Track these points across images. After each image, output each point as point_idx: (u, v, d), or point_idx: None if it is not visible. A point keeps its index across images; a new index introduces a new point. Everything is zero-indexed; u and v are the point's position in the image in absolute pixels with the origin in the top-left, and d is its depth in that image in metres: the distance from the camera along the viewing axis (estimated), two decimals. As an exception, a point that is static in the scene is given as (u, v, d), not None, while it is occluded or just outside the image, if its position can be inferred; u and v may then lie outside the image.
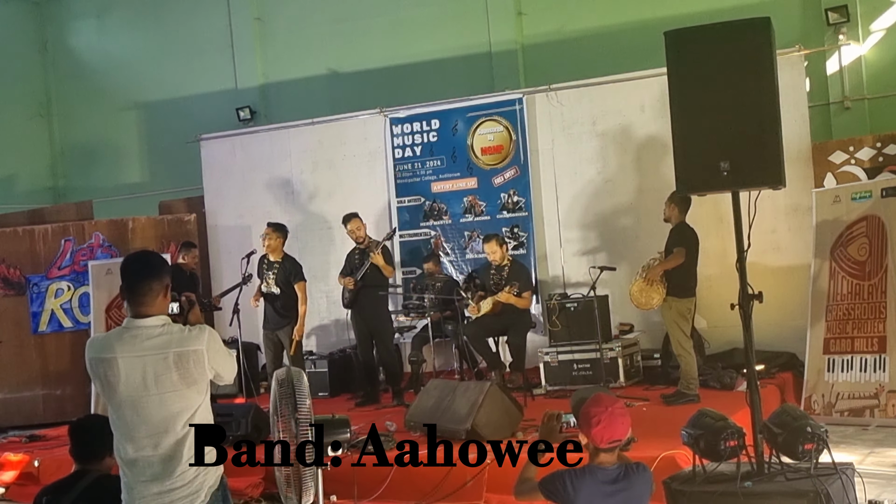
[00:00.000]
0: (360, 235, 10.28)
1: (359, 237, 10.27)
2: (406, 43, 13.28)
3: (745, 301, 5.48)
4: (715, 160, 5.39)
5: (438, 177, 11.88)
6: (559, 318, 10.16)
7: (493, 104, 11.67)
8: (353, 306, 10.25)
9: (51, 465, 8.66)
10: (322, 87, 13.89)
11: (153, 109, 15.23)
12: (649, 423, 7.63)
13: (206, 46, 14.65)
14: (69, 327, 12.26)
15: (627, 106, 10.99)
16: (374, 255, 9.97)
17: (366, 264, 10.06)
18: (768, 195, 5.96)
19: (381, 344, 10.28)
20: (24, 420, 11.70)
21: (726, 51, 5.43)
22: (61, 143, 16.15)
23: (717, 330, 10.15)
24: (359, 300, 10.16)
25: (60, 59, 16.03)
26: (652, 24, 10.71)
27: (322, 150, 12.48)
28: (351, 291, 10.15)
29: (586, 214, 11.20)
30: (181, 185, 14.06)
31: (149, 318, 3.98)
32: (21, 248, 12.33)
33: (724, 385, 9.31)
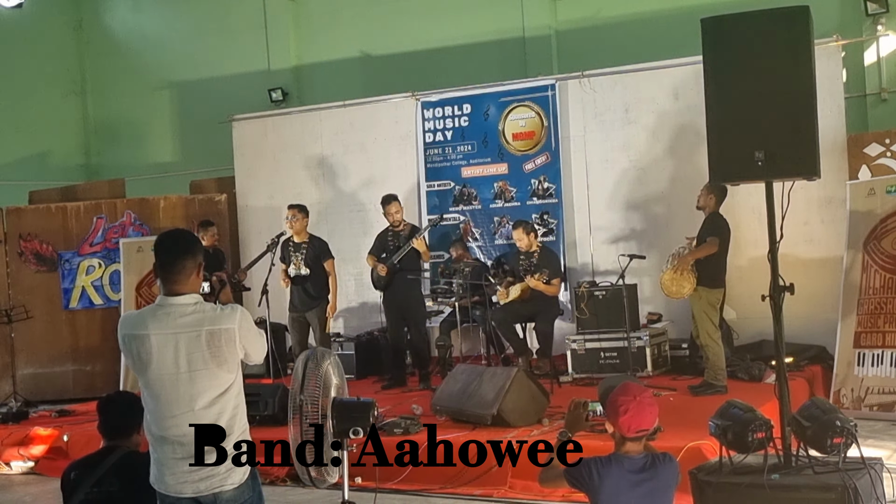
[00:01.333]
0: (397, 219, 10.28)
1: (396, 220, 10.27)
2: (439, 27, 13.27)
3: (776, 292, 5.44)
4: (749, 150, 5.33)
5: (469, 162, 11.86)
6: (587, 306, 10.13)
7: (525, 90, 11.63)
8: (387, 289, 10.27)
9: (80, 440, 8.75)
10: (354, 69, 13.90)
11: (186, 89, 15.32)
12: (676, 413, 7.60)
13: (239, 27, 14.70)
14: (100, 304, 12.35)
15: (661, 93, 10.92)
16: (417, 240, 9.98)
17: (403, 249, 10.07)
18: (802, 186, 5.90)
19: (413, 327, 10.30)
20: (54, 395, 11.82)
21: (763, 39, 5.37)
22: (95, 120, 16.28)
23: (747, 321, 10.08)
24: (393, 283, 10.17)
25: (95, 37, 16.14)
26: (688, 11, 10.64)
27: (353, 133, 12.49)
28: (386, 275, 10.16)
29: (617, 202, 11.15)
30: (212, 165, 14.13)
31: (182, 297, 4.00)
32: (54, 224, 12.43)
33: (752, 377, 9.25)
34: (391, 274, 10.11)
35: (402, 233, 10.22)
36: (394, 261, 10.09)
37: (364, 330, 11.91)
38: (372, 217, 12.13)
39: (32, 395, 11.78)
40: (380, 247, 10.37)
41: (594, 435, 6.26)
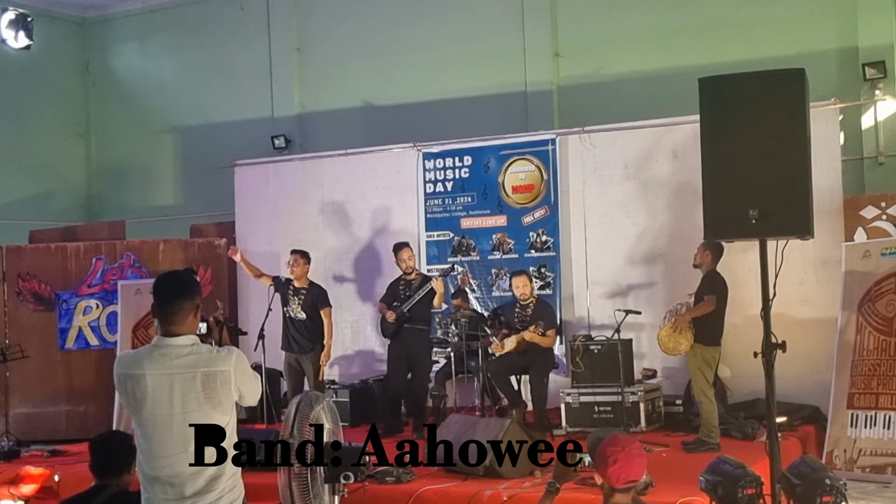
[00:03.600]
0: (410, 265, 10.34)
1: (409, 267, 10.32)
2: (442, 79, 13.41)
3: (769, 349, 5.48)
4: (744, 207, 5.41)
5: (468, 213, 11.94)
6: (582, 360, 10.14)
7: (526, 143, 11.73)
8: (395, 337, 10.30)
9: (71, 480, 8.71)
10: (357, 119, 14.03)
11: (189, 133, 15.44)
12: (668, 469, 7.61)
13: (244, 74, 14.85)
14: (95, 345, 12.34)
15: (660, 151, 11.01)
16: (436, 280, 10.05)
17: (413, 297, 10.11)
18: (797, 247, 5.97)
19: (416, 377, 10.32)
20: (46, 435, 11.75)
21: (760, 100, 5.47)
22: (98, 162, 16.39)
23: (741, 379, 10.08)
24: (402, 332, 10.21)
25: (101, 80, 16.30)
26: (687, 70, 10.74)
27: (354, 181, 12.57)
28: (394, 323, 10.19)
29: (614, 257, 11.19)
30: (213, 210, 14.19)
31: (179, 338, 4.04)
32: (53, 264, 12.44)
33: (745, 435, 9.25)
34: (400, 322, 10.14)
35: (414, 282, 10.27)
36: (404, 309, 10.13)
37: (359, 378, 11.90)
38: (371, 265, 12.19)
39: (25, 434, 11.72)
40: (391, 295, 10.41)
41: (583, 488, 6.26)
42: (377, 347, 11.93)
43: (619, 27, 12.48)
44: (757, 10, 11.73)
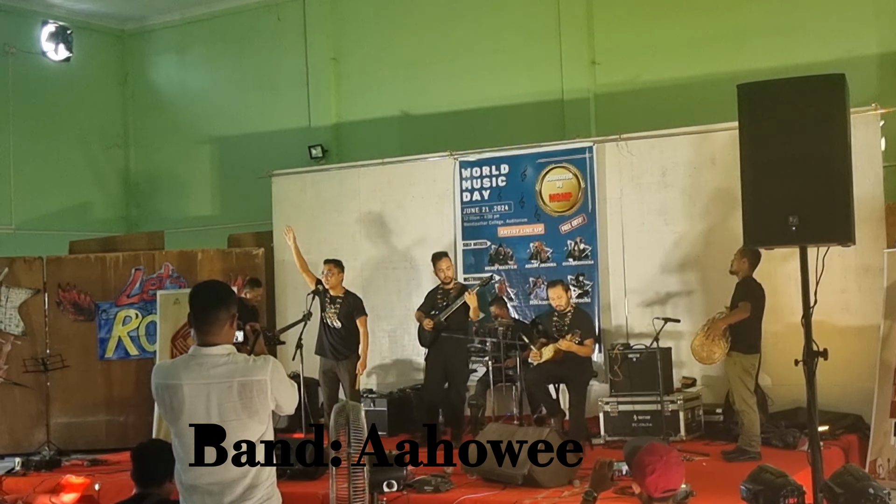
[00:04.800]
0: (448, 275, 10.32)
1: (447, 276, 10.32)
2: (478, 88, 13.41)
3: (810, 357, 5.42)
4: (784, 214, 5.36)
5: (505, 221, 11.91)
6: (621, 369, 10.09)
7: (563, 151, 11.69)
8: (432, 346, 10.30)
9: (111, 490, 8.78)
10: (394, 128, 14.06)
11: (227, 144, 15.54)
12: (708, 479, 7.54)
13: (281, 84, 14.94)
14: (135, 355, 12.43)
15: (698, 158, 10.93)
16: (470, 294, 10.02)
17: (451, 306, 10.11)
18: (839, 254, 5.92)
19: (453, 386, 10.29)
20: (86, 444, 11.85)
21: (799, 106, 5.42)
22: (136, 173, 16.53)
23: (782, 388, 9.98)
24: (439, 341, 10.20)
25: (139, 91, 16.45)
26: (725, 77, 10.69)
27: (391, 191, 12.59)
28: (431, 331, 10.19)
29: (652, 265, 11.12)
30: (251, 220, 14.27)
31: (215, 347, 4.05)
32: (92, 274, 12.55)
33: (786, 444, 9.15)
34: (437, 331, 10.14)
35: (452, 291, 10.26)
36: (441, 318, 10.12)
37: (397, 387, 11.90)
38: (407, 274, 12.20)
39: (65, 443, 11.82)
40: (429, 304, 10.40)
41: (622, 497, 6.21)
42: (415, 356, 11.92)
43: (656, 34, 12.42)
44: (796, 16, 11.63)
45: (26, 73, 15.01)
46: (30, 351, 12.17)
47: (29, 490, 9.34)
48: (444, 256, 10.40)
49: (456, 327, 10.18)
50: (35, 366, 11.70)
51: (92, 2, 15.28)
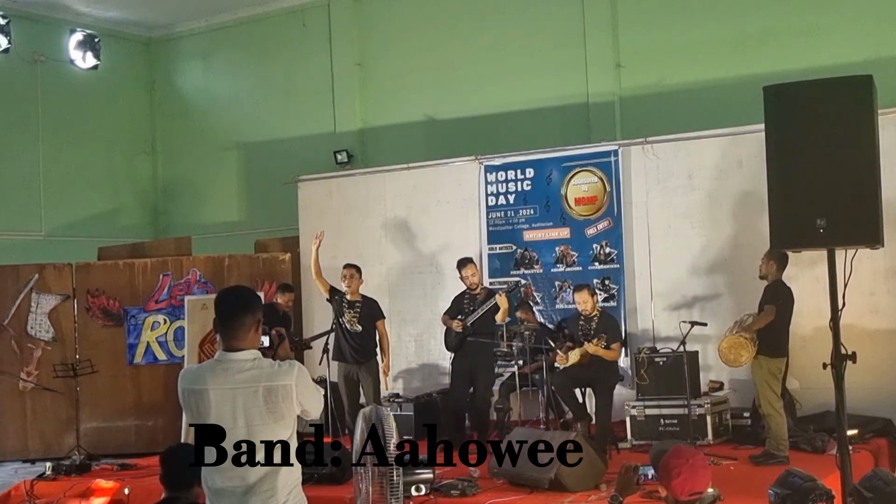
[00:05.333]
0: (473, 282, 10.32)
1: (472, 283, 10.32)
2: (503, 92, 13.40)
3: (838, 360, 5.38)
4: (811, 216, 5.33)
5: (531, 225, 11.90)
6: (647, 372, 10.05)
7: (588, 155, 11.66)
8: (458, 350, 10.30)
9: (140, 494, 8.82)
10: (418, 132, 14.08)
11: (253, 150, 15.62)
12: (736, 483, 7.50)
13: (307, 90, 15.00)
14: (163, 360, 12.50)
15: (724, 161, 10.88)
16: (500, 295, 10.02)
17: (477, 311, 10.11)
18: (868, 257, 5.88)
19: (479, 391, 10.30)
20: (116, 449, 11.92)
21: (826, 107, 5.39)
22: (164, 179, 16.65)
23: (810, 392, 9.91)
24: (465, 345, 10.20)
25: (166, 98, 16.57)
26: (751, 79, 10.63)
27: (416, 195, 12.61)
28: (458, 335, 10.20)
29: (678, 269, 11.08)
30: (277, 225, 14.33)
31: (240, 352, 4.07)
32: (121, 280, 12.64)
33: (815, 448, 9.08)
34: (463, 335, 10.14)
35: (479, 296, 10.26)
36: (468, 323, 10.13)
37: (423, 391, 11.91)
38: (433, 279, 12.20)
39: (95, 448, 11.90)
40: (456, 309, 10.40)
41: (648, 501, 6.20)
42: (441, 361, 11.93)
43: (682, 36, 12.39)
44: (822, 17, 11.56)
45: (55, 80, 15.14)
46: (60, 356, 12.27)
47: (59, 494, 9.40)
48: (469, 263, 10.38)
49: (482, 331, 10.18)
50: (65, 371, 11.79)
51: (119, 10, 15.41)
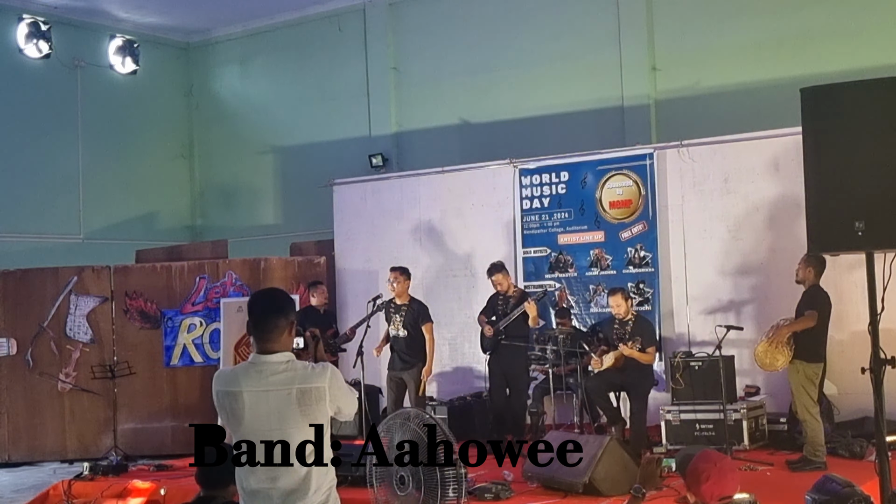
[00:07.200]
0: (504, 287, 10.33)
1: (502, 289, 10.32)
2: (538, 95, 13.41)
3: (877, 365, 5.32)
4: (849, 220, 5.27)
5: (565, 229, 11.87)
6: (683, 377, 9.99)
7: (623, 158, 11.62)
8: (493, 353, 10.31)
9: (177, 494, 8.87)
10: (453, 136, 14.10)
11: (289, 154, 15.72)
12: (772, 488, 7.45)
13: (342, 94, 15.07)
14: (199, 362, 12.58)
15: (761, 164, 10.80)
16: (529, 303, 10.03)
17: (511, 315, 10.11)
18: (906, 259, 5.80)
19: (514, 393, 10.30)
20: (152, 450, 12.01)
21: (864, 109, 5.33)
22: (201, 183, 16.79)
23: (849, 397, 9.82)
24: (499, 348, 10.22)
25: (204, 102, 16.70)
26: (788, 81, 10.56)
27: (451, 199, 12.61)
28: (491, 338, 10.21)
29: (714, 272, 11.01)
30: (313, 228, 14.40)
31: (274, 355, 4.08)
32: (158, 283, 12.74)
33: (853, 454, 8.98)
34: (496, 338, 10.14)
35: (512, 298, 10.26)
36: (500, 327, 10.13)
37: (457, 394, 11.91)
38: (468, 282, 12.20)
39: (132, 449, 11.99)
40: (490, 309, 10.44)
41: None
42: (475, 364, 11.93)
43: (717, 39, 12.33)
44: (861, 18, 11.47)
45: (94, 86, 15.33)
46: (98, 358, 12.38)
47: (96, 494, 9.49)
48: (498, 271, 10.35)
49: (515, 335, 10.17)
50: (103, 372, 11.89)
51: (157, 15, 15.56)
